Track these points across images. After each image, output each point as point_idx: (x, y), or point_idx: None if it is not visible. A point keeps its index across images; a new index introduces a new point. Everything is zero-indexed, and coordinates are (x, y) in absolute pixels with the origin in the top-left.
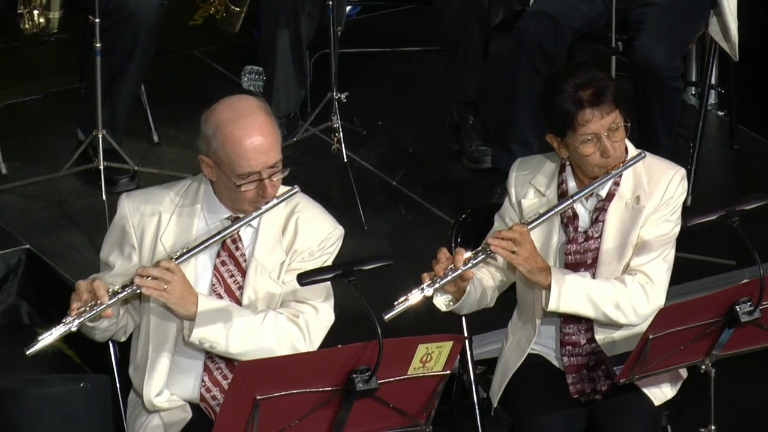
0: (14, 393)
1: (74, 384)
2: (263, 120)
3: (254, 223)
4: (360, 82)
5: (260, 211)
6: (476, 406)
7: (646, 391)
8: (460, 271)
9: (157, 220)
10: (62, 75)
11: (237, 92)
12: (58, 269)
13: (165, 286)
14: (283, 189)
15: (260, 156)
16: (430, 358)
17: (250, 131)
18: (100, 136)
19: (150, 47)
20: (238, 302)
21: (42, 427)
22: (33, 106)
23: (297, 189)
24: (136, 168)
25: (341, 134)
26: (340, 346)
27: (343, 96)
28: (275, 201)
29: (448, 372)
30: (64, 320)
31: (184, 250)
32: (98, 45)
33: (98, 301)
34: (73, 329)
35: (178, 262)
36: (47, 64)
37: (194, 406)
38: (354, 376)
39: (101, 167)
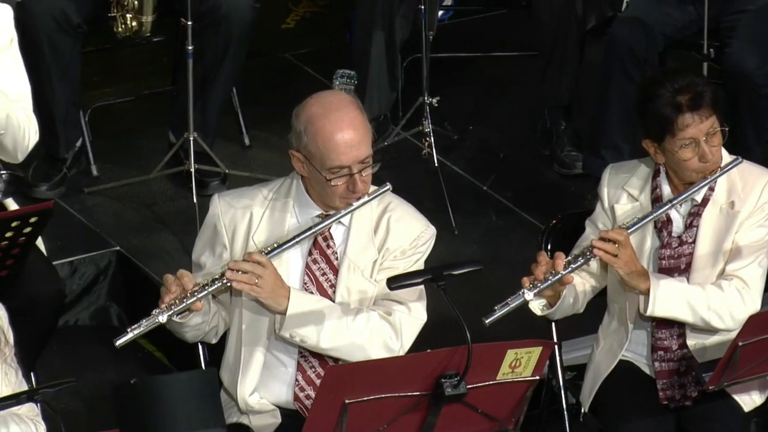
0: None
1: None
2: (354, 114)
3: (346, 221)
4: (451, 86)
5: (351, 208)
6: (565, 412)
7: (735, 397)
8: (561, 275)
9: (248, 219)
10: (154, 77)
11: None
12: (148, 271)
13: (256, 280)
14: (374, 188)
15: (351, 150)
16: (519, 364)
17: (341, 125)
18: (192, 138)
19: (242, 50)
20: (331, 300)
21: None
22: (125, 108)
23: (389, 187)
24: (227, 171)
25: (432, 138)
26: (429, 350)
27: (434, 100)
28: (366, 198)
29: (537, 377)
30: (153, 312)
31: (275, 245)
32: (190, 48)
33: (188, 294)
34: (163, 321)
35: (269, 256)
36: (139, 67)
37: (284, 411)
38: (443, 380)
39: (192, 170)
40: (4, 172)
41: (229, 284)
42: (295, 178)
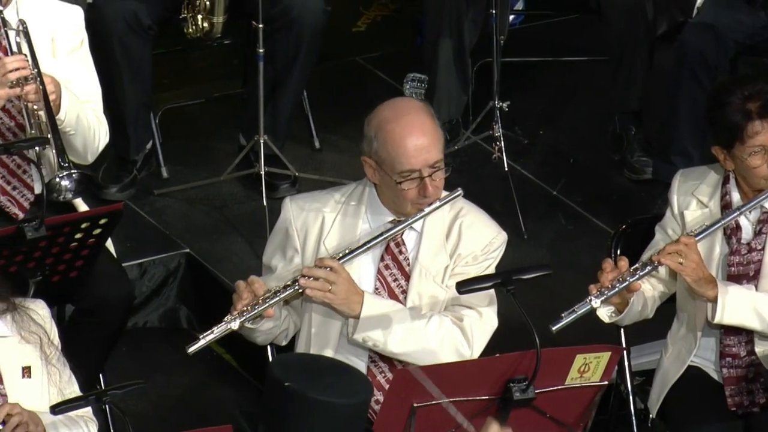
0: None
1: (363, 395)
2: (424, 119)
3: (418, 227)
4: (522, 90)
5: (423, 213)
6: (633, 417)
7: None
8: (628, 282)
9: (320, 223)
10: (225, 79)
11: None
12: (218, 274)
13: (330, 287)
14: (445, 193)
15: (421, 154)
16: (588, 369)
17: (411, 130)
18: (262, 141)
19: (312, 53)
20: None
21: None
22: (195, 110)
23: (460, 192)
24: (297, 174)
25: (502, 143)
26: (498, 354)
27: (505, 105)
28: (438, 203)
29: (606, 382)
30: (225, 319)
31: (347, 251)
32: (261, 50)
33: (259, 301)
34: (234, 328)
35: (342, 261)
36: (210, 69)
37: None
38: (511, 385)
39: (262, 172)
40: (75, 171)
41: (301, 291)
42: (368, 184)
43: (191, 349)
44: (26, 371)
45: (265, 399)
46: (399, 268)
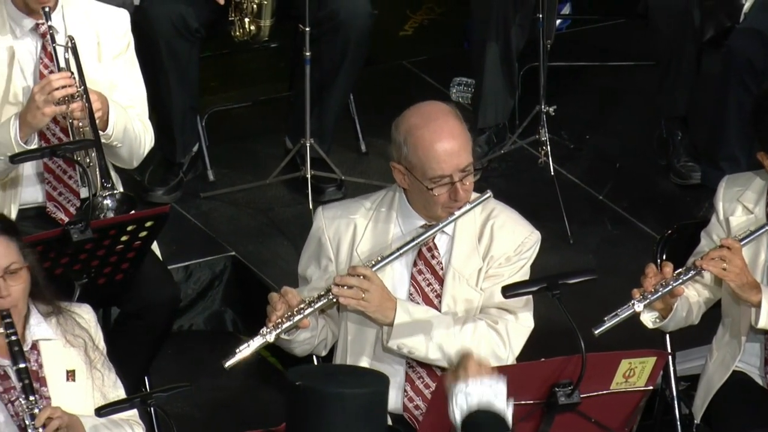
0: (320, 391)
1: (374, 386)
2: (453, 123)
3: (449, 230)
4: (568, 95)
5: (454, 217)
6: (678, 423)
7: None
8: (671, 287)
9: (352, 231)
10: (271, 83)
11: (446, 103)
12: (263, 277)
13: (363, 295)
14: (475, 195)
15: (451, 159)
16: (633, 374)
17: (441, 135)
18: (308, 144)
19: (359, 57)
20: (437, 310)
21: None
22: (242, 113)
23: (490, 194)
24: (343, 177)
25: (548, 147)
26: (543, 359)
27: (551, 109)
28: (468, 206)
29: (651, 387)
30: (261, 331)
31: (380, 258)
32: (308, 54)
33: (294, 312)
34: (271, 340)
35: (374, 269)
36: (257, 72)
37: (395, 417)
38: (556, 389)
39: (308, 176)
40: (117, 192)
41: (335, 300)
42: (398, 190)
43: (228, 364)
44: (70, 375)
45: (287, 409)
46: (432, 273)
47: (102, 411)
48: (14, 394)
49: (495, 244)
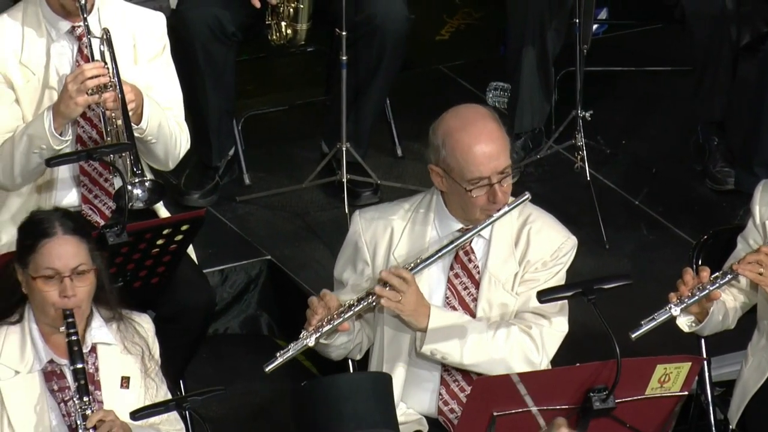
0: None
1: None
2: (492, 126)
3: (486, 234)
4: (605, 100)
5: (492, 219)
6: (713, 428)
7: None
8: (707, 290)
9: (389, 235)
10: (308, 87)
11: None
12: (299, 281)
13: (400, 298)
14: (513, 198)
15: (490, 161)
16: (668, 379)
17: (479, 138)
18: (344, 148)
19: (396, 61)
20: (472, 314)
21: (340, 409)
22: (278, 117)
23: (528, 196)
24: (379, 181)
25: (585, 152)
26: (578, 364)
27: (587, 114)
28: (506, 209)
29: (686, 393)
30: (301, 335)
31: (418, 260)
32: (344, 58)
33: (334, 315)
34: (311, 345)
35: (413, 272)
36: (293, 76)
37: (431, 420)
38: (591, 394)
39: (344, 180)
40: (147, 179)
41: (374, 304)
42: (435, 193)
43: (269, 368)
44: (125, 381)
45: (295, 422)
46: (469, 277)
47: (137, 414)
48: (68, 394)
49: (531, 248)
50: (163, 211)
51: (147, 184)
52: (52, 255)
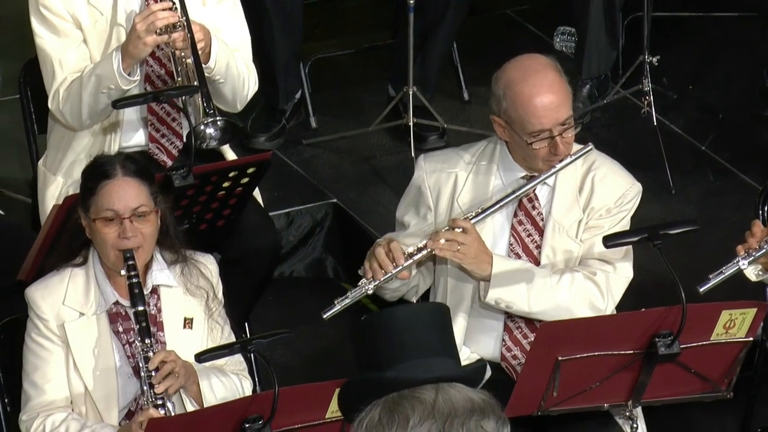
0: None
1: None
2: (552, 77)
3: (550, 181)
4: (672, 45)
5: (555, 169)
6: None
7: None
8: None
9: (453, 181)
10: (375, 31)
11: (549, 53)
12: (364, 224)
13: (458, 247)
14: (576, 147)
15: (551, 113)
16: (733, 324)
17: (540, 89)
18: (411, 92)
19: (463, 5)
20: (536, 262)
21: (400, 338)
22: (345, 60)
23: (591, 146)
24: (445, 125)
25: (652, 97)
26: (643, 309)
27: (654, 59)
28: (569, 159)
29: (751, 339)
30: (360, 283)
31: (480, 210)
32: (412, 2)
33: (394, 264)
34: (370, 292)
35: (474, 221)
36: (360, 20)
37: (493, 366)
38: (656, 340)
39: (411, 124)
40: (220, 119)
41: (433, 252)
42: (498, 141)
43: (327, 315)
44: (188, 323)
45: (357, 356)
46: (533, 224)
47: (201, 356)
48: (133, 336)
49: (596, 195)
50: (229, 153)
51: (219, 123)
52: (112, 196)
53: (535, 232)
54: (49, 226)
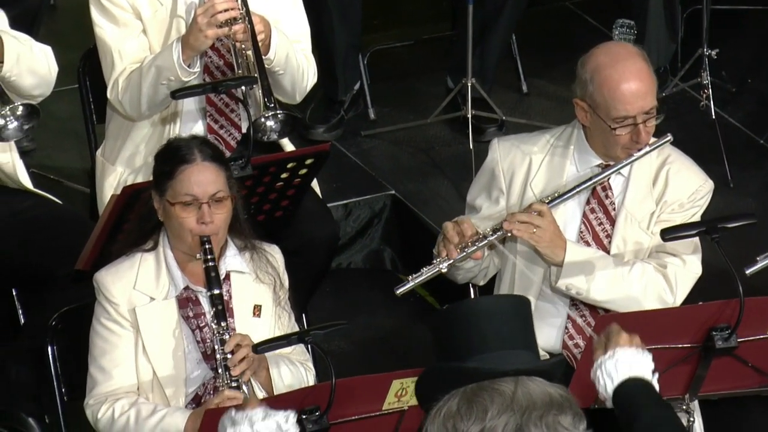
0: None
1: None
2: (641, 65)
3: (625, 172)
4: (731, 38)
5: (631, 159)
6: None
7: None
8: None
9: (527, 165)
10: (434, 22)
11: None
12: (423, 216)
13: (534, 230)
14: (654, 138)
15: (637, 100)
16: None
17: (628, 75)
18: (470, 84)
19: None
20: (606, 251)
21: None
22: (404, 51)
23: (670, 137)
24: (504, 117)
25: (710, 90)
26: (701, 303)
27: (713, 52)
28: (647, 149)
29: None
30: (434, 261)
31: (556, 195)
32: None
33: (468, 243)
34: (444, 270)
35: (550, 205)
36: (420, 11)
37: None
38: (714, 333)
39: (469, 115)
40: (281, 111)
41: (508, 234)
42: (576, 127)
43: (399, 291)
44: (257, 310)
45: (435, 345)
46: (605, 213)
47: (259, 347)
48: (203, 321)
49: (669, 189)
50: (288, 144)
51: (280, 116)
52: (191, 181)
53: (607, 221)
54: (107, 215)
